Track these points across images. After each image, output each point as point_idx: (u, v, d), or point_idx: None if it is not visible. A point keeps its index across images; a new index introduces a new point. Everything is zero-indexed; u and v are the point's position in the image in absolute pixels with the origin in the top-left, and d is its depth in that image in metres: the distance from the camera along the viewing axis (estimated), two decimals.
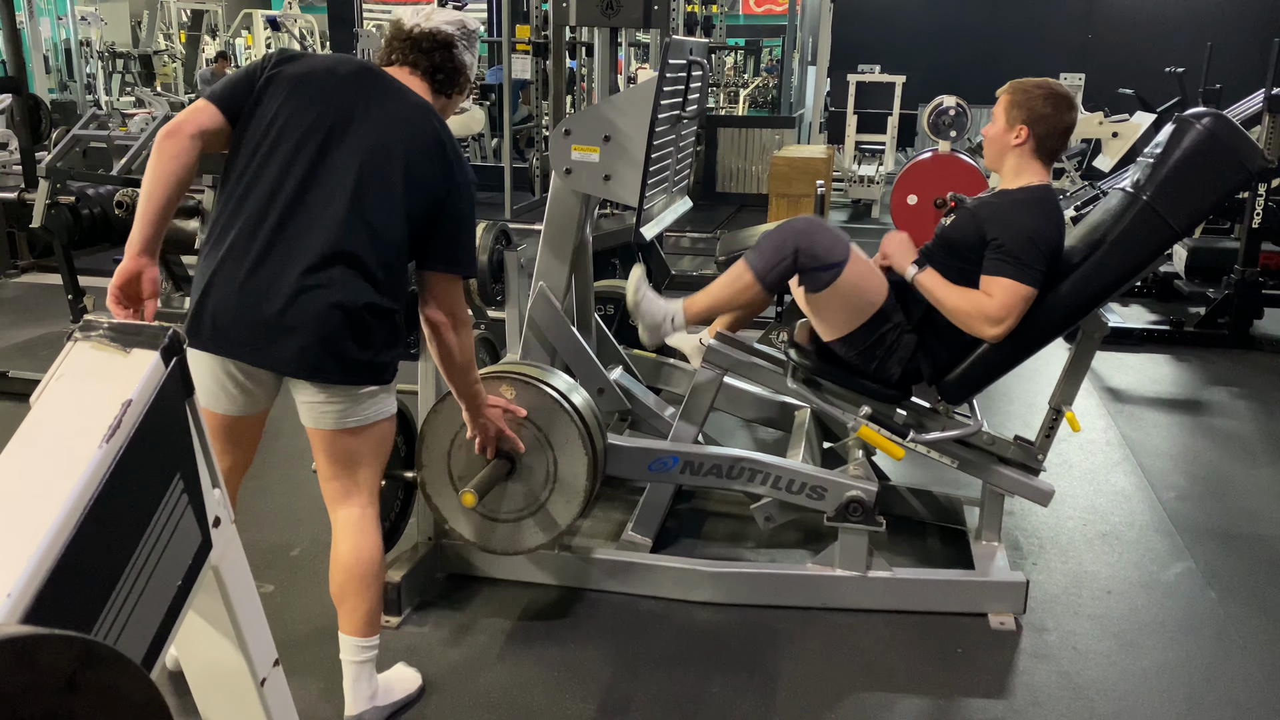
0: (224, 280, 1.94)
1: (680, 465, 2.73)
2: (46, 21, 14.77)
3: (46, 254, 5.97)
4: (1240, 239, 5.40)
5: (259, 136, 1.97)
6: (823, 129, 10.71)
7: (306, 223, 1.93)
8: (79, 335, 1.18)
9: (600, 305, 3.56)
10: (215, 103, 1.98)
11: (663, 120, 2.69)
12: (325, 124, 1.97)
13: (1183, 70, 7.43)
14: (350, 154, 1.97)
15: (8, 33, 5.73)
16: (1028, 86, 2.60)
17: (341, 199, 1.94)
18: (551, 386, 2.49)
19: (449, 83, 2.15)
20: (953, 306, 2.54)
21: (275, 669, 1.40)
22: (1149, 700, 2.37)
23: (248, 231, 1.94)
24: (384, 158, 1.98)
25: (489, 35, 11.45)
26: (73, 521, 1.02)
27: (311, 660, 2.43)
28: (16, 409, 3.75)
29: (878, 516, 2.64)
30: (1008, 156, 2.62)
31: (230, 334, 1.94)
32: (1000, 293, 2.48)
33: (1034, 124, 2.57)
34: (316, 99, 1.99)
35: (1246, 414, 4.36)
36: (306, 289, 1.91)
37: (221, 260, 1.95)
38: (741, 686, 2.38)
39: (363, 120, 1.99)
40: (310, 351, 1.94)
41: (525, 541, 2.56)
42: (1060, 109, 2.57)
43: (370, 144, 1.97)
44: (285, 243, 1.93)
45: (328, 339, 1.93)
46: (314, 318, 1.92)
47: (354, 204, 1.94)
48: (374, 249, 1.96)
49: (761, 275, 2.60)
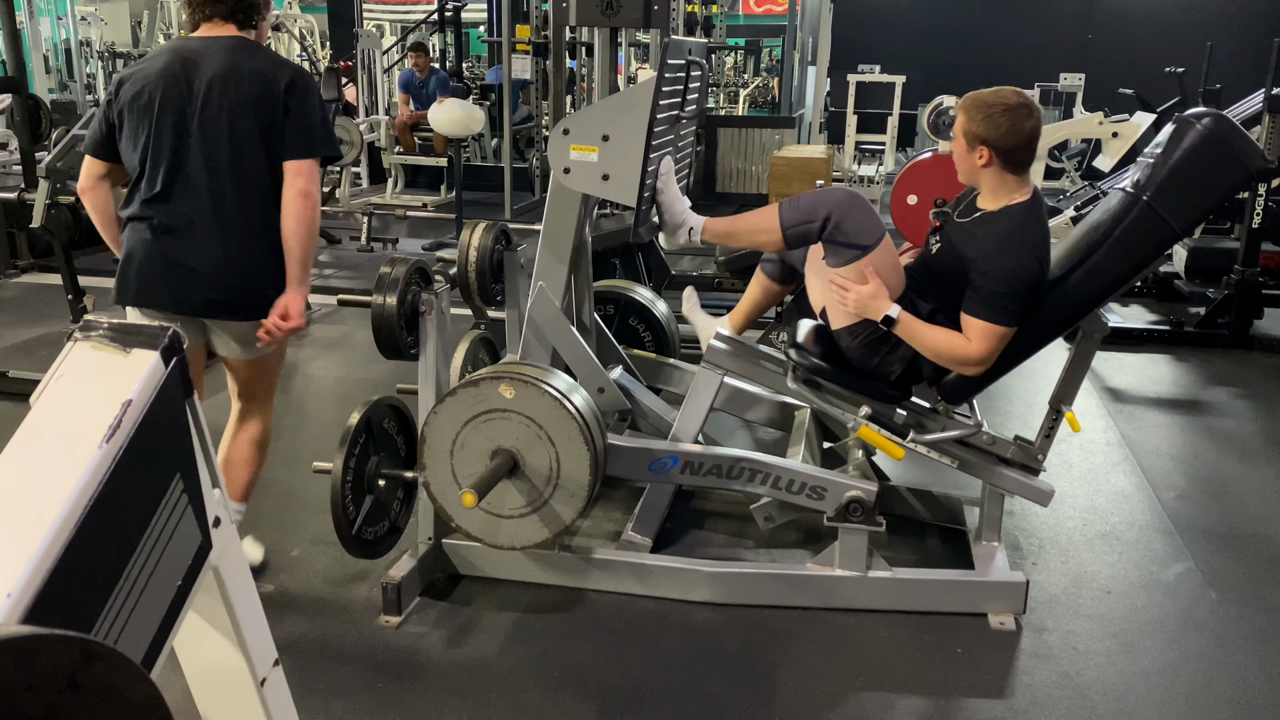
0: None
1: (680, 465, 2.73)
2: (46, 21, 14.77)
3: (46, 254, 5.99)
4: (1240, 239, 5.40)
5: (139, 153, 2.45)
6: (823, 129, 10.71)
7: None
8: (79, 335, 1.18)
9: (601, 305, 3.56)
10: (92, 153, 2.54)
11: (661, 120, 2.69)
12: (173, 118, 2.42)
13: (1183, 70, 7.43)
14: (209, 122, 2.43)
15: (8, 33, 5.73)
16: (980, 103, 2.50)
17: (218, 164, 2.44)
18: (553, 386, 2.49)
19: (249, 16, 2.52)
20: (932, 349, 2.54)
21: (275, 669, 1.40)
22: (1149, 700, 2.37)
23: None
24: (229, 109, 2.42)
25: (489, 35, 11.45)
26: (73, 521, 1.02)
27: (311, 660, 2.44)
28: (16, 409, 3.74)
29: (878, 516, 2.65)
30: (979, 176, 2.57)
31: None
32: (978, 336, 2.47)
33: (994, 142, 2.48)
34: (156, 102, 2.43)
35: (1246, 414, 4.36)
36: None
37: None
38: (741, 686, 2.38)
39: (200, 93, 2.43)
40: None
41: (529, 538, 2.56)
42: (1019, 119, 2.46)
43: (216, 106, 2.41)
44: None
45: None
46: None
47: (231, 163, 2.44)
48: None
49: (785, 226, 2.58)
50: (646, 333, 3.61)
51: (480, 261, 2.97)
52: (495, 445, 2.50)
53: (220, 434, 2.74)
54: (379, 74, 9.86)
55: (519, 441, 2.49)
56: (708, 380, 2.80)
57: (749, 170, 9.16)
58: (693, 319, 3.13)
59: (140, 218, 2.48)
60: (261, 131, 2.44)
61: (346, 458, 2.56)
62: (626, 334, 3.61)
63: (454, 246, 3.06)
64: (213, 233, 2.46)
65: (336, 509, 2.54)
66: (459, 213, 7.12)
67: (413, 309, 2.67)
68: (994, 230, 2.52)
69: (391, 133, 9.32)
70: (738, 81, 16.33)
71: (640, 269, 4.42)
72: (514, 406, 2.46)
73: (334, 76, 7.69)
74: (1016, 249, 2.47)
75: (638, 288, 3.66)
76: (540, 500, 2.52)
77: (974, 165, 2.55)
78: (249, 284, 2.50)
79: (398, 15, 17.33)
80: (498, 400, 2.47)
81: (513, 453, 2.48)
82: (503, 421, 2.48)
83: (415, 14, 15.47)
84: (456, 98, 7.48)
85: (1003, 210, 2.54)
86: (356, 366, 4.65)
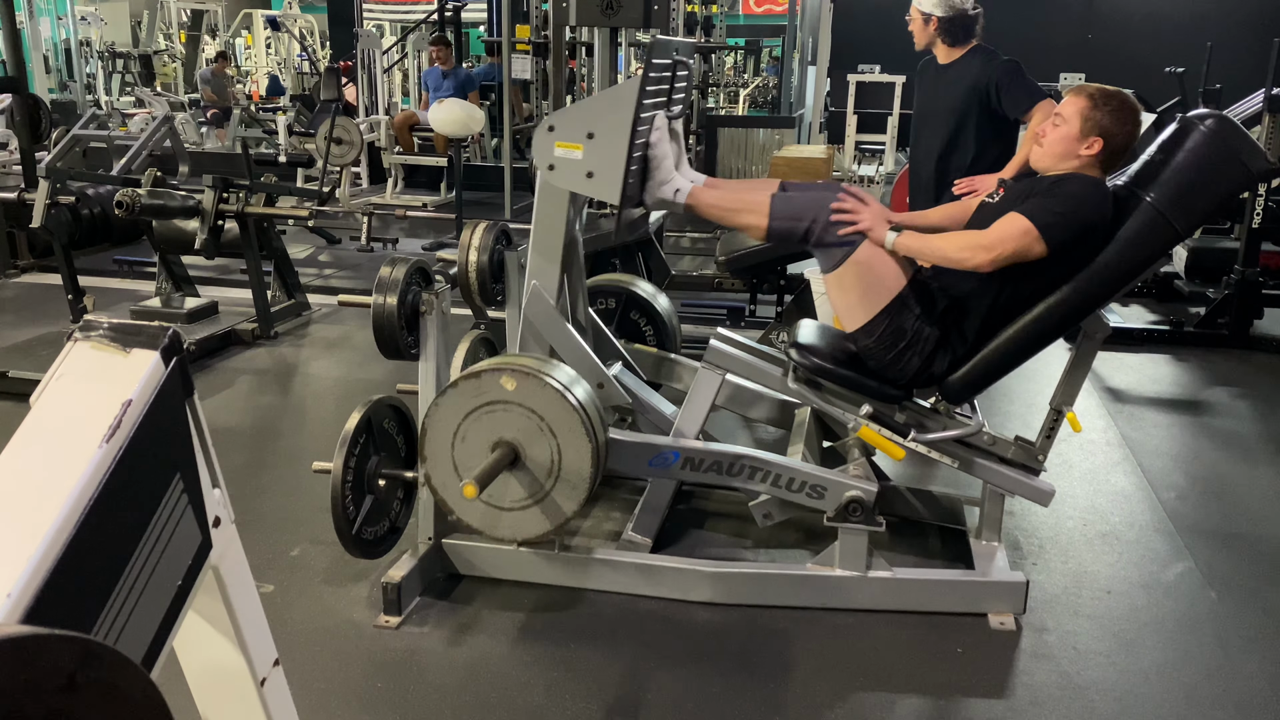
0: None
1: (681, 461, 2.73)
2: (46, 21, 14.76)
3: (46, 254, 5.99)
4: (1240, 239, 5.40)
5: None
6: (823, 129, 10.70)
7: None
8: (79, 335, 1.18)
9: (603, 299, 3.57)
10: None
11: (645, 119, 2.69)
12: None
13: (1183, 70, 7.43)
14: None
15: (8, 33, 5.73)
16: (1109, 96, 2.52)
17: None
18: (554, 378, 2.48)
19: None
20: (941, 251, 2.50)
21: (275, 669, 1.40)
22: (1149, 700, 2.37)
23: None
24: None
25: (489, 35, 11.45)
26: (73, 521, 1.02)
27: (311, 660, 2.44)
28: (16, 409, 3.74)
29: (878, 516, 2.65)
30: (1070, 163, 2.55)
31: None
32: (1001, 223, 2.45)
33: (1110, 138, 2.50)
34: None
35: (1246, 414, 4.36)
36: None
37: None
38: (741, 686, 2.38)
39: None
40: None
41: (529, 530, 2.55)
42: (1136, 124, 2.52)
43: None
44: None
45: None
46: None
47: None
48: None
49: (772, 218, 2.62)
50: (648, 327, 3.62)
51: (480, 261, 2.97)
52: (497, 437, 2.49)
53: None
54: (379, 74, 9.86)
55: (520, 433, 2.48)
56: (708, 381, 2.80)
57: (749, 170, 9.15)
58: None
59: None
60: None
61: (346, 458, 2.56)
62: (628, 329, 3.61)
63: (454, 246, 3.06)
64: None
65: (336, 509, 2.54)
66: (459, 213, 7.12)
67: (413, 309, 2.67)
68: (1062, 180, 2.52)
69: (391, 132, 9.31)
70: (738, 81, 16.32)
71: (640, 268, 4.43)
72: (516, 398, 2.45)
73: (334, 76, 7.70)
74: (1092, 191, 2.47)
75: (639, 282, 3.66)
76: (541, 493, 2.51)
77: (1074, 151, 2.52)
78: None
79: (398, 15, 17.33)
80: (499, 392, 2.46)
81: (514, 445, 2.47)
82: (504, 413, 2.47)
83: (415, 14, 15.46)
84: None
85: (1073, 173, 2.55)
86: (356, 366, 4.65)
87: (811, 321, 2.88)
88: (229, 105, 12.69)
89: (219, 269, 6.01)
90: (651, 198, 2.79)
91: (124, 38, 17.20)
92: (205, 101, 13.08)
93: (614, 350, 3.26)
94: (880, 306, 2.59)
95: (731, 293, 5.69)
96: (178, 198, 4.68)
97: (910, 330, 2.58)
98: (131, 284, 6.08)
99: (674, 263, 6.23)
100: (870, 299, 2.60)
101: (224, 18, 17.96)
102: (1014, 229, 2.43)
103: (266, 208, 4.85)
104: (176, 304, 5.23)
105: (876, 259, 2.57)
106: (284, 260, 5.46)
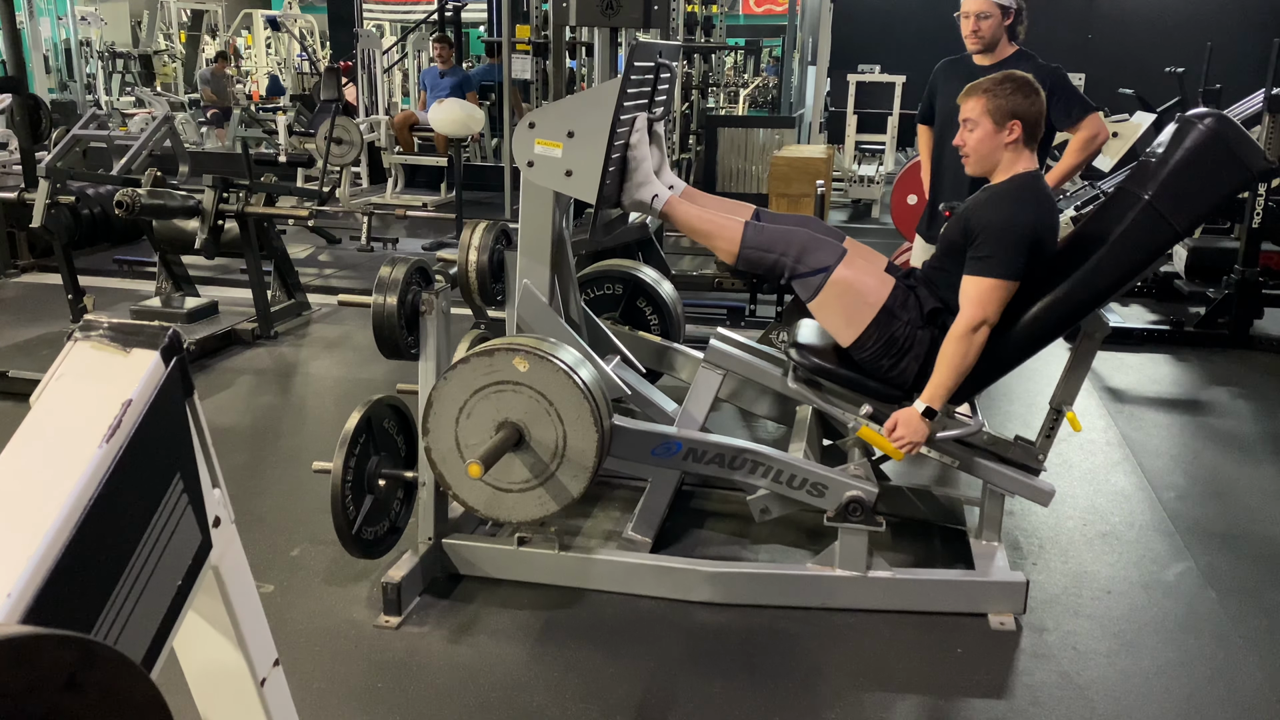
0: None
1: (684, 451, 2.72)
2: (46, 21, 14.75)
3: (46, 254, 5.99)
4: (1240, 239, 5.40)
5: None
6: (823, 129, 10.70)
7: None
8: (79, 335, 1.18)
9: (608, 285, 3.58)
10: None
11: (626, 121, 2.70)
12: None
13: (1183, 70, 7.43)
14: None
15: (8, 33, 5.73)
16: (1001, 82, 2.58)
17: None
18: (562, 360, 2.47)
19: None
20: (960, 363, 2.52)
21: (275, 669, 1.40)
22: (1149, 700, 2.37)
23: None
24: None
25: (489, 35, 11.44)
26: (73, 521, 1.02)
27: (311, 660, 2.44)
28: (16, 409, 3.75)
29: (878, 516, 2.65)
30: (1000, 155, 2.60)
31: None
32: (972, 293, 2.49)
33: (1023, 115, 2.55)
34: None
35: (1246, 414, 4.36)
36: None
37: None
38: (741, 686, 2.38)
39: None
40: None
41: (531, 512, 2.53)
42: (1039, 93, 2.59)
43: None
44: None
45: None
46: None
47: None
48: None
49: (745, 246, 2.66)
50: (653, 315, 3.62)
51: (480, 261, 2.97)
52: (503, 417, 2.47)
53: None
54: (379, 74, 9.86)
55: (526, 415, 2.45)
56: (708, 381, 2.80)
57: (749, 170, 9.15)
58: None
59: None
60: None
61: (346, 458, 2.56)
62: (633, 315, 3.62)
63: (454, 246, 3.06)
64: None
65: (336, 509, 2.54)
66: (459, 213, 7.12)
67: (413, 309, 2.67)
68: (996, 191, 2.60)
69: (391, 132, 9.31)
70: (738, 81, 16.32)
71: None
72: (526, 380, 2.43)
73: (334, 76, 7.69)
74: (1014, 201, 2.53)
75: (644, 268, 3.66)
76: (546, 474, 2.49)
77: (999, 145, 2.57)
78: None
79: (398, 15, 17.33)
80: (510, 372, 2.44)
81: (519, 425, 2.46)
82: (513, 394, 2.45)
83: (415, 14, 15.46)
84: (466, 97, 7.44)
85: (1010, 178, 2.60)
86: (356, 366, 4.65)
87: (811, 321, 2.88)
88: (229, 105, 12.69)
89: (219, 269, 6.01)
90: (629, 199, 2.81)
91: (124, 38, 17.19)
92: (205, 101, 13.09)
93: (610, 345, 3.26)
94: (867, 321, 2.62)
95: (731, 293, 5.69)
96: (178, 198, 4.68)
97: (902, 338, 2.61)
98: (131, 284, 6.08)
99: (674, 262, 6.23)
100: (856, 317, 2.62)
101: (224, 18, 17.95)
102: (980, 294, 2.49)
103: (266, 208, 4.85)
104: (176, 304, 5.23)
105: (853, 277, 2.61)
106: (284, 260, 5.46)
